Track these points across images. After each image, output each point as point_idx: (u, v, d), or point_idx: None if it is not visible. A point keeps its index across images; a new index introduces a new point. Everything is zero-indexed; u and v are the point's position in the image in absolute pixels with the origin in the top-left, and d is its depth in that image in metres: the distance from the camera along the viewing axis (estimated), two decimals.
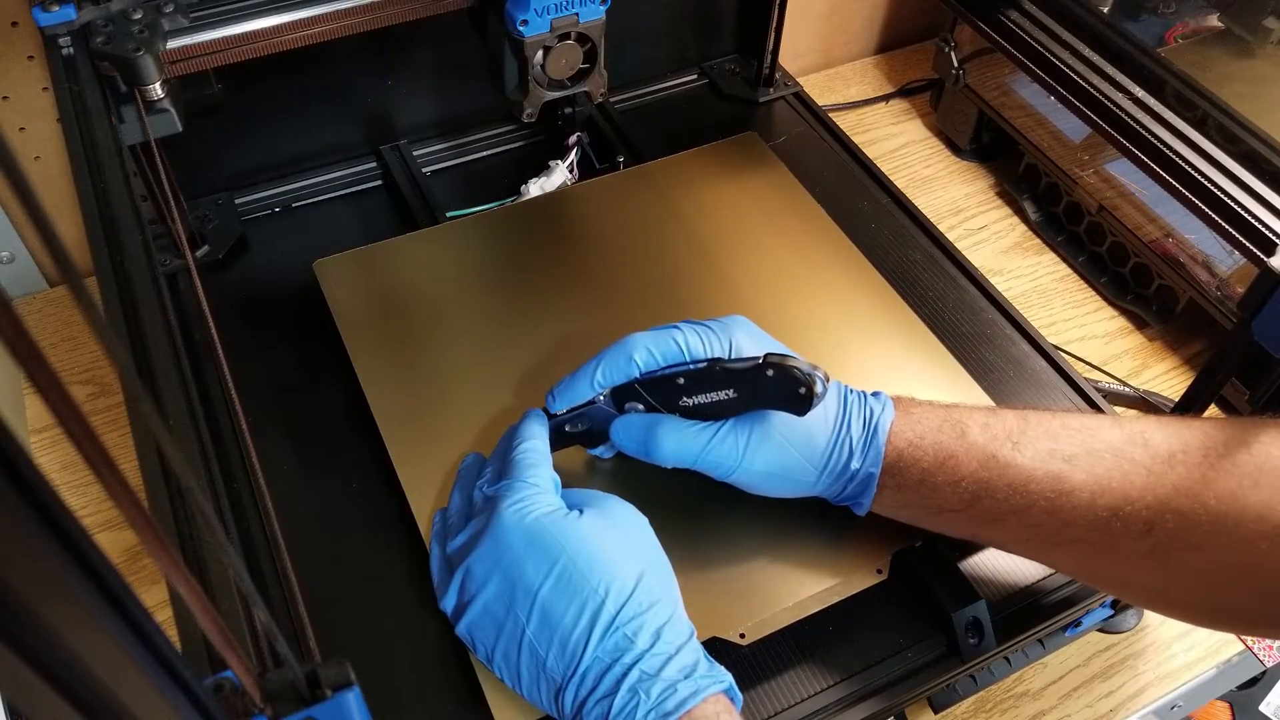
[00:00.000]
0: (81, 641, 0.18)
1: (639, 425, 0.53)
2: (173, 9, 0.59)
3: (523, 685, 0.47)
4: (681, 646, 0.45)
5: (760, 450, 0.51)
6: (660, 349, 0.52)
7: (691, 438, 0.51)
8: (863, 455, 0.51)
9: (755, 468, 0.51)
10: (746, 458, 0.51)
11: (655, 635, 0.44)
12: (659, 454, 0.52)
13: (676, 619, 0.46)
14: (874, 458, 0.50)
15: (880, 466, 0.50)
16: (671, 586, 0.48)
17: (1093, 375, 0.77)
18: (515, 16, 0.64)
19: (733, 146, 0.77)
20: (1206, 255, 0.72)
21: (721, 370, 0.50)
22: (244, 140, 0.75)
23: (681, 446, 0.51)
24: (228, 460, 0.57)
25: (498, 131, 0.82)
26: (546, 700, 0.46)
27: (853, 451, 0.51)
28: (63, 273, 0.15)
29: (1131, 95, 0.64)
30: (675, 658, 0.44)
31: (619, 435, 0.54)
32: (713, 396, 0.51)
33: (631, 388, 0.53)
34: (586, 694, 0.44)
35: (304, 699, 0.27)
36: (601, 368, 0.53)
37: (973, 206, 0.91)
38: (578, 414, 0.54)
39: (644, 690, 0.43)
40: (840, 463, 0.51)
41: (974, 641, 0.53)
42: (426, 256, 0.68)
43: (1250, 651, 0.65)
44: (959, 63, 0.89)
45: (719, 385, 0.51)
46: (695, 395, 0.51)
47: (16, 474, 0.15)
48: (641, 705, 0.43)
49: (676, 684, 0.43)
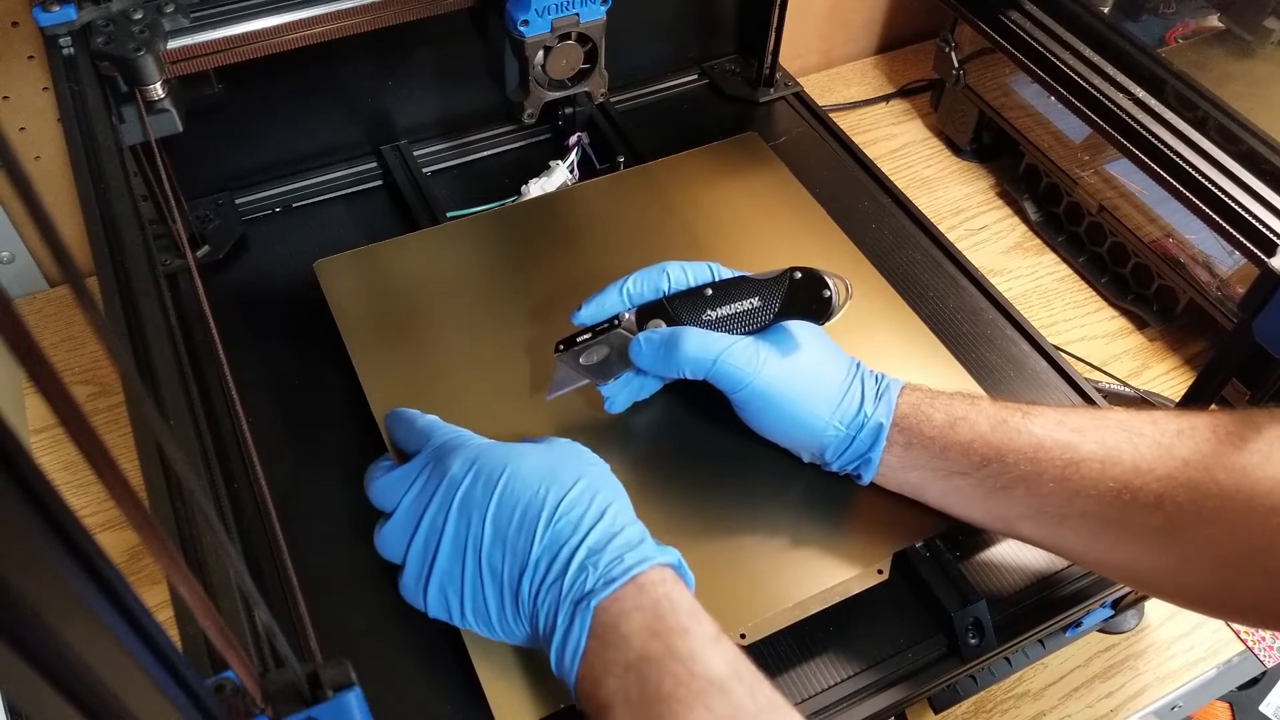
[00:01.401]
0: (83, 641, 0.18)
1: (660, 336, 0.53)
2: (173, 9, 0.59)
3: (493, 618, 0.47)
4: (627, 525, 0.46)
5: (777, 364, 0.52)
6: (694, 271, 0.55)
7: (712, 340, 0.52)
8: (875, 403, 0.52)
9: (770, 383, 0.52)
10: (764, 367, 0.52)
11: (599, 516, 0.45)
12: (678, 357, 0.52)
13: (622, 510, 0.47)
14: (885, 409, 0.51)
15: (891, 419, 0.51)
16: (617, 493, 0.48)
17: (1093, 375, 0.77)
18: (516, 17, 0.64)
19: (733, 147, 0.77)
20: (1207, 255, 0.72)
21: (748, 280, 0.54)
22: (244, 140, 0.75)
23: (702, 349, 0.52)
24: (228, 460, 0.57)
25: (498, 131, 0.82)
26: (515, 624, 0.46)
27: (864, 397, 0.52)
28: (64, 272, 0.15)
29: (1132, 95, 0.64)
30: (621, 534, 0.45)
31: (639, 348, 0.54)
32: (737, 307, 0.53)
33: (659, 304, 0.54)
34: (539, 584, 0.44)
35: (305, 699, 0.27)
36: (634, 279, 0.55)
37: (973, 207, 0.91)
38: (597, 339, 0.55)
39: (591, 563, 0.43)
40: (853, 406, 0.52)
41: (974, 642, 0.53)
42: (427, 257, 0.68)
43: (1250, 652, 0.65)
44: (959, 63, 0.89)
45: (744, 294, 0.53)
46: (721, 306, 0.53)
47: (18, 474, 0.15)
48: (590, 577, 0.43)
49: (623, 555, 0.44)
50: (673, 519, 0.55)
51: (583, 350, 0.55)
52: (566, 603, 0.43)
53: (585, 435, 0.58)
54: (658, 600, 0.43)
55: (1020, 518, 0.50)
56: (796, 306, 0.53)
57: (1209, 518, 0.44)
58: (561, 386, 0.56)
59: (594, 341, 0.55)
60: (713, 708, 0.39)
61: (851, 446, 0.52)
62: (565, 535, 0.45)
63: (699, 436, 0.59)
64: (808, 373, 0.53)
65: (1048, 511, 0.48)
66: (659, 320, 0.54)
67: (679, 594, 0.43)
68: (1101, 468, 0.46)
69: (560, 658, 0.43)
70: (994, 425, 0.49)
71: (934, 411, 0.51)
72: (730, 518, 0.55)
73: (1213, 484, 0.43)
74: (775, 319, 0.53)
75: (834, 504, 0.56)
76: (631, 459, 0.57)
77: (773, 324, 0.54)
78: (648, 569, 0.43)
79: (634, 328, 0.55)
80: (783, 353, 0.53)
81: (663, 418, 0.60)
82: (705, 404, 0.59)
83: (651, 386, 0.58)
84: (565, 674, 0.43)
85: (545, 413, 0.59)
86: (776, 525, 0.55)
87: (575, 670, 0.43)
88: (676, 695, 0.39)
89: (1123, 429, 0.47)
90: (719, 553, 0.54)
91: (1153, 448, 0.46)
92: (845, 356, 0.55)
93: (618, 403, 0.57)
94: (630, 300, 0.55)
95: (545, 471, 0.47)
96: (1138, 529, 0.45)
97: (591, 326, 0.56)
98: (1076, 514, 0.47)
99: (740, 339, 0.53)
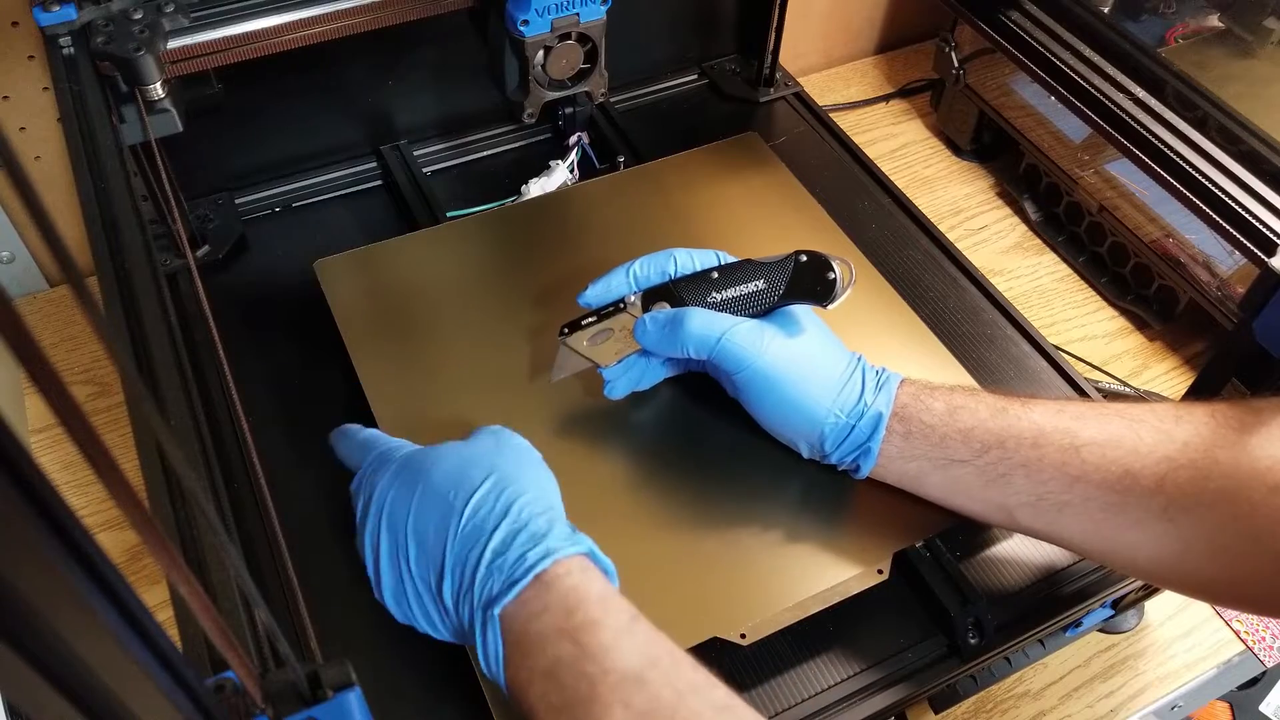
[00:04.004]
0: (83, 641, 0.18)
1: (665, 315, 0.54)
2: (173, 9, 0.59)
3: (439, 626, 0.46)
4: (533, 518, 0.44)
5: (781, 346, 0.52)
6: (700, 257, 0.56)
7: (716, 320, 0.52)
8: (875, 393, 0.52)
9: (773, 365, 0.52)
10: (768, 348, 0.52)
11: (503, 513, 0.44)
12: (682, 335, 0.53)
13: (532, 500, 0.45)
14: (885, 399, 0.52)
15: (890, 409, 0.51)
16: (530, 482, 0.47)
17: (1093, 375, 0.77)
18: (516, 16, 0.64)
19: (733, 146, 0.77)
20: (1207, 255, 0.72)
21: (753, 263, 0.54)
22: (244, 140, 0.75)
23: (706, 328, 0.52)
24: (228, 460, 0.57)
25: (498, 131, 0.82)
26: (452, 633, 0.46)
27: (864, 386, 0.52)
28: (65, 272, 0.15)
29: (1132, 95, 0.64)
30: (525, 529, 0.44)
31: (644, 328, 0.54)
32: (742, 289, 0.54)
33: (665, 288, 0.55)
34: (457, 592, 0.44)
35: (305, 699, 0.27)
36: (640, 263, 0.56)
37: (973, 207, 0.91)
38: (602, 321, 0.55)
39: (496, 566, 0.43)
40: (853, 395, 0.52)
41: (975, 641, 0.53)
42: (427, 256, 0.68)
43: (1250, 652, 0.65)
44: (959, 63, 0.89)
45: (749, 277, 0.54)
46: (726, 289, 0.54)
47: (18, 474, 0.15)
48: (495, 581, 0.42)
49: (525, 552, 0.43)
50: (673, 519, 0.55)
51: (587, 332, 0.55)
52: (479, 610, 0.43)
53: (585, 435, 0.58)
54: (564, 595, 0.41)
55: (1020, 506, 0.50)
56: (801, 289, 0.53)
57: (1209, 500, 0.43)
58: (565, 369, 0.56)
59: (599, 323, 0.55)
60: (631, 703, 0.38)
61: (851, 435, 0.52)
62: (473, 539, 0.44)
63: (699, 436, 0.59)
64: (811, 358, 0.53)
65: (1048, 499, 0.48)
66: (664, 303, 0.55)
67: (587, 584, 0.42)
68: (1102, 452, 0.46)
69: (486, 664, 0.43)
70: (994, 413, 0.50)
71: (934, 400, 0.51)
72: (730, 518, 0.55)
73: (1213, 465, 0.43)
74: (780, 302, 0.54)
75: (834, 504, 0.56)
76: (631, 459, 0.57)
77: (777, 308, 0.54)
78: (550, 564, 0.42)
79: (639, 310, 0.55)
80: (787, 335, 0.53)
81: (662, 417, 0.60)
82: (705, 404, 0.59)
83: (655, 374, 0.58)
84: (495, 679, 0.43)
85: (545, 414, 0.59)
86: (776, 525, 0.55)
87: (503, 676, 0.42)
88: (594, 696, 0.38)
89: (1121, 416, 0.48)
90: (719, 553, 0.54)
91: (1152, 432, 0.46)
92: (846, 349, 0.55)
93: (619, 387, 0.57)
94: (637, 283, 0.56)
95: (456, 474, 0.46)
96: (1139, 514, 0.45)
97: (597, 309, 0.56)
98: (1078, 500, 0.47)
99: (744, 320, 0.53)
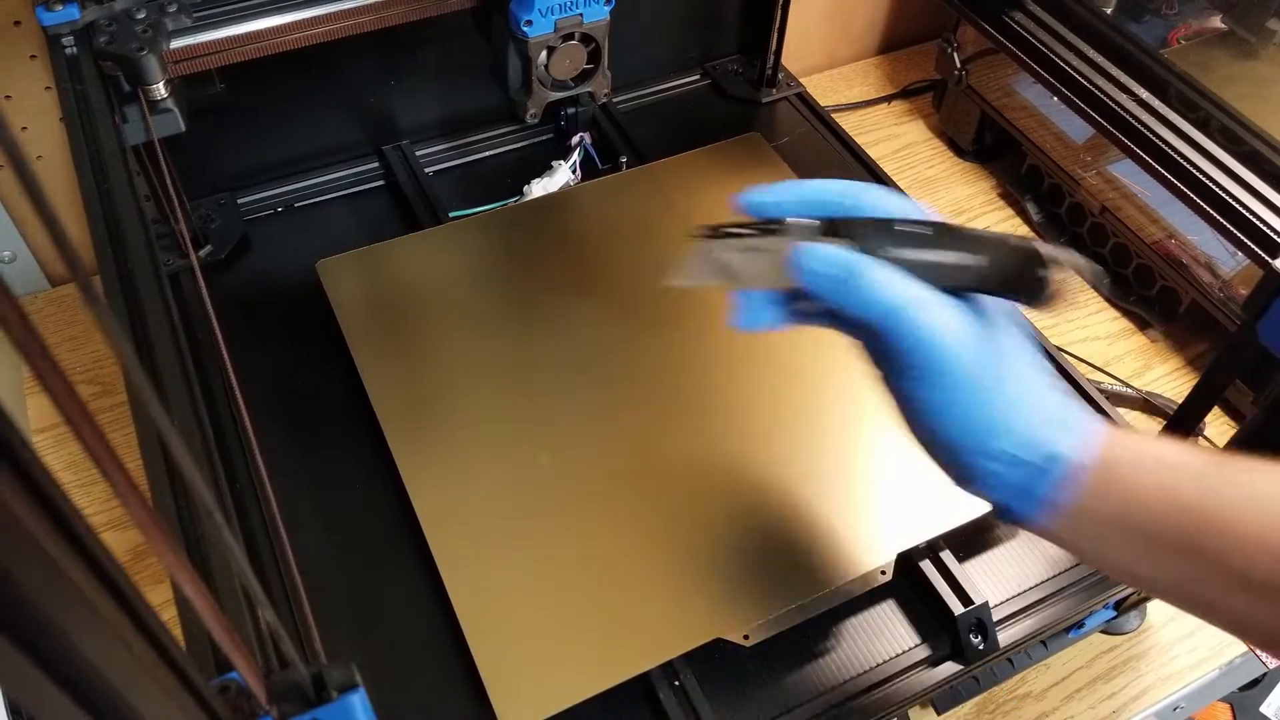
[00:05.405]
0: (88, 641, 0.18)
1: (841, 256, 0.41)
2: (176, 8, 0.59)
3: None
4: None
5: (981, 341, 0.40)
6: (897, 202, 0.44)
7: (904, 284, 0.40)
8: (1069, 434, 0.39)
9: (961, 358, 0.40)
10: (966, 339, 0.40)
11: None
12: (858, 287, 0.40)
13: None
14: (1080, 445, 0.39)
15: (1088, 463, 0.39)
16: None
17: (1095, 376, 0.77)
18: (519, 17, 0.64)
19: (736, 147, 0.77)
20: (1209, 256, 0.72)
21: (957, 231, 0.42)
22: (247, 140, 0.75)
23: (890, 288, 0.40)
24: (231, 460, 0.57)
25: (501, 132, 0.82)
26: None
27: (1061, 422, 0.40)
28: (70, 271, 0.15)
29: (1135, 96, 0.64)
30: None
31: (811, 261, 0.41)
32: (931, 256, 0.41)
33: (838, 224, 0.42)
34: None
35: (310, 700, 0.27)
36: (820, 183, 0.44)
37: (975, 207, 0.90)
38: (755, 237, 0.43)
39: None
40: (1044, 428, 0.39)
41: (977, 643, 0.53)
42: (429, 257, 0.68)
43: (1252, 653, 0.65)
44: (961, 63, 0.89)
45: (955, 247, 0.41)
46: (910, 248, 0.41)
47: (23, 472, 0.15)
48: None
49: None
50: (675, 520, 0.55)
51: (739, 242, 0.43)
52: None
53: (587, 435, 0.58)
54: None
55: None
56: (1008, 277, 0.41)
57: None
58: (695, 276, 0.44)
59: (751, 238, 0.43)
60: None
61: (1023, 472, 0.39)
62: None
63: (700, 437, 0.59)
64: (1010, 366, 0.41)
65: None
66: (836, 240, 0.42)
67: None
68: None
69: None
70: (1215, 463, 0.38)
71: (1144, 472, 0.39)
72: (733, 519, 0.55)
73: None
74: (974, 288, 0.42)
75: (837, 505, 0.56)
76: (632, 459, 0.57)
77: (969, 293, 0.42)
78: None
79: (810, 238, 0.42)
80: (990, 331, 0.41)
81: (663, 417, 0.60)
82: (710, 403, 0.59)
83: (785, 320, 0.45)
84: None
85: (548, 414, 0.59)
86: (780, 527, 0.55)
87: None
88: None
89: None
90: (722, 554, 0.54)
91: None
92: (1054, 372, 0.43)
93: (750, 318, 0.45)
94: (808, 207, 0.43)
95: None
96: None
97: (752, 222, 0.43)
98: None
99: (943, 295, 0.41)
